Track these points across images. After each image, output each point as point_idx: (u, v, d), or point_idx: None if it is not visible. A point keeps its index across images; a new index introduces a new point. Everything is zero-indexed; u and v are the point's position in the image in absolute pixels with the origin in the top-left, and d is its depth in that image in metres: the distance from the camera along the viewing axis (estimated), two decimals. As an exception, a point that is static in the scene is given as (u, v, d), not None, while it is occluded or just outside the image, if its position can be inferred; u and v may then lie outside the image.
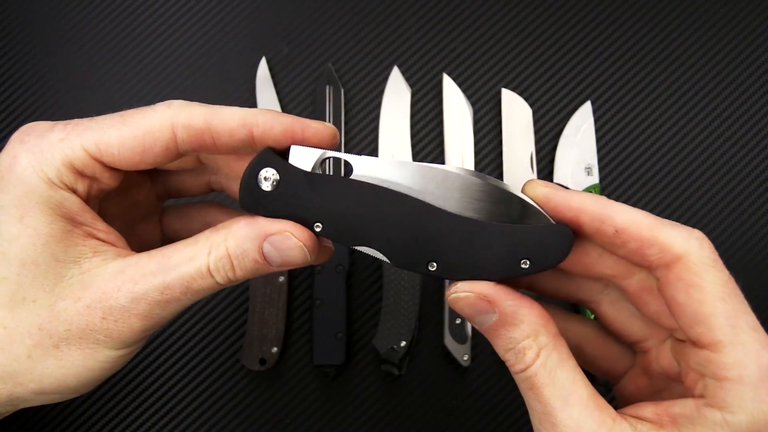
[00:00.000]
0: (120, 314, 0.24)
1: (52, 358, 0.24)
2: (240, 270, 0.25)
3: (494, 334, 0.23)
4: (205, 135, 0.25)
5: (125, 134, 0.25)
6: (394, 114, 0.50)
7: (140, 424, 0.47)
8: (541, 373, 0.22)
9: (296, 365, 0.48)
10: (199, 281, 0.25)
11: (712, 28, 0.52)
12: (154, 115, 0.25)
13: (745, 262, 0.49)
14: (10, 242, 0.24)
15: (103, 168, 0.26)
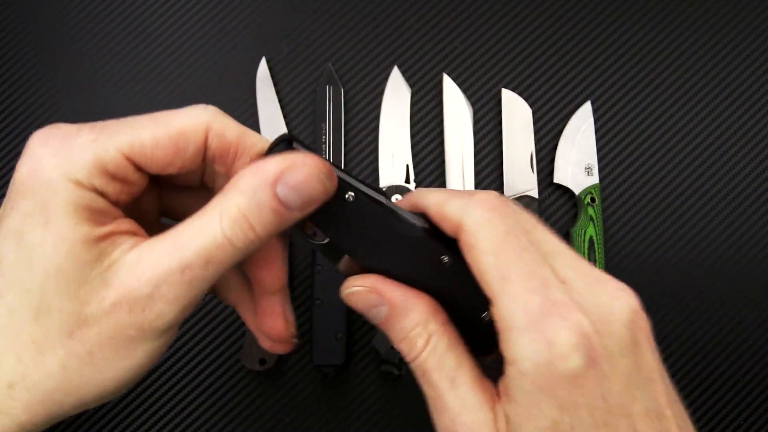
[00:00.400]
0: (146, 304, 0.23)
1: (88, 365, 0.23)
2: (261, 226, 0.23)
3: (388, 326, 0.24)
4: (232, 150, 0.25)
5: (159, 134, 0.24)
6: (394, 114, 0.50)
7: (140, 424, 0.47)
8: (430, 359, 0.23)
9: (296, 365, 0.48)
10: (218, 252, 0.23)
11: (713, 28, 0.52)
12: (189, 116, 0.25)
13: (745, 261, 0.49)
14: (34, 250, 0.23)
15: (134, 170, 0.25)
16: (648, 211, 0.50)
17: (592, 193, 0.48)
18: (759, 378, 0.47)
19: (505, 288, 0.22)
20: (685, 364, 0.48)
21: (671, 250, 0.49)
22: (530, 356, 0.21)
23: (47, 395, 0.24)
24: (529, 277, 0.22)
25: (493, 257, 0.22)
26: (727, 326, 0.48)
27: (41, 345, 0.23)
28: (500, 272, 0.22)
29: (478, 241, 0.23)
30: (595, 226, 0.47)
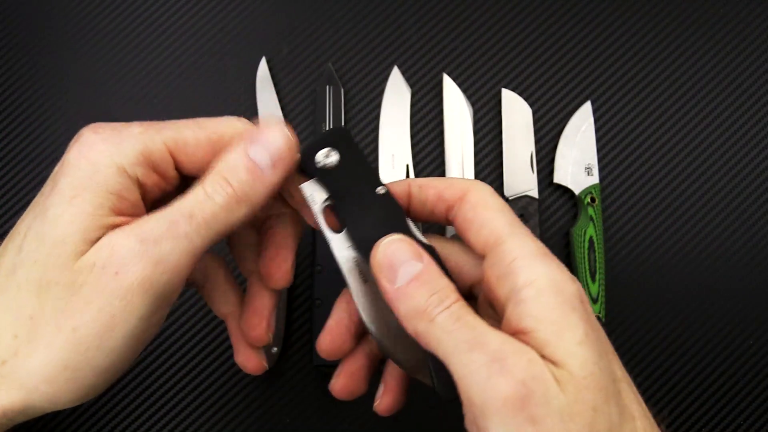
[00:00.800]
0: (131, 261, 0.23)
1: (71, 344, 0.23)
2: (236, 183, 0.25)
3: (418, 283, 0.24)
4: None
5: (200, 135, 0.26)
6: (394, 114, 0.50)
7: (140, 424, 0.47)
8: (464, 306, 0.24)
9: (296, 365, 0.48)
10: (199, 207, 0.24)
11: (713, 28, 0.52)
12: (227, 123, 0.27)
13: (745, 261, 0.49)
14: (51, 222, 0.24)
15: (173, 167, 0.26)
16: (648, 211, 0.50)
17: (592, 193, 0.48)
18: (759, 378, 0.47)
19: (515, 231, 0.25)
20: (685, 363, 0.48)
21: (671, 250, 0.49)
22: (546, 274, 0.23)
23: (28, 378, 0.23)
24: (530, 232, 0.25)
25: (501, 213, 0.25)
26: (727, 326, 0.48)
27: (37, 320, 0.24)
28: (509, 222, 0.25)
29: (486, 201, 0.26)
30: (595, 226, 0.47)
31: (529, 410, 0.21)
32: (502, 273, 0.24)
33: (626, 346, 0.48)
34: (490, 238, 0.25)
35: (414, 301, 0.24)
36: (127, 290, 0.23)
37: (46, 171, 0.50)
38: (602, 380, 0.22)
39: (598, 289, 0.47)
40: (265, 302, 0.32)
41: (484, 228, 0.25)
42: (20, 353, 0.23)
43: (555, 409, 0.21)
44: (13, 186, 0.50)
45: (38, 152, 0.50)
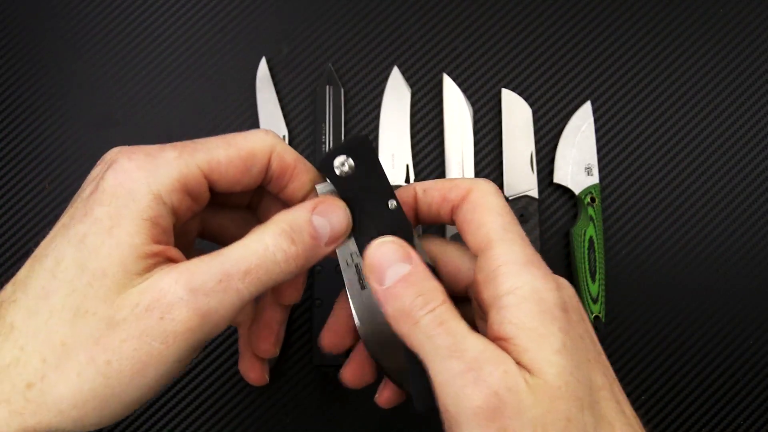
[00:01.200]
0: (178, 309, 0.23)
1: (102, 377, 0.23)
2: (301, 245, 0.25)
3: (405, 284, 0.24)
4: (288, 172, 0.27)
5: (232, 153, 0.26)
6: (394, 114, 0.50)
7: (140, 424, 0.47)
8: (449, 310, 0.24)
9: (296, 365, 0.48)
10: (256, 263, 0.24)
11: (712, 28, 0.52)
12: (257, 139, 0.27)
13: (745, 261, 0.49)
14: (90, 253, 0.24)
15: (207, 188, 0.26)
16: (648, 211, 0.50)
17: (592, 193, 0.48)
18: (759, 378, 0.47)
19: (507, 236, 0.25)
20: (685, 363, 0.48)
21: (671, 250, 0.49)
22: (529, 282, 0.23)
23: (56, 403, 0.23)
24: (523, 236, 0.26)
25: (499, 216, 0.26)
26: (727, 326, 0.48)
27: (68, 347, 0.23)
28: (503, 225, 0.25)
29: (487, 201, 0.26)
30: (595, 226, 0.47)
31: (501, 422, 0.21)
32: (488, 278, 0.24)
33: (626, 346, 0.48)
34: (483, 241, 0.25)
35: (400, 302, 0.24)
36: (169, 335, 0.23)
37: (46, 171, 0.50)
38: (578, 390, 0.22)
39: (598, 289, 0.47)
40: (276, 316, 0.32)
41: (479, 230, 0.26)
42: (48, 378, 0.23)
43: (527, 420, 0.21)
44: (14, 186, 0.50)
45: (38, 152, 0.50)
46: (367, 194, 0.27)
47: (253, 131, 0.27)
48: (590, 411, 0.22)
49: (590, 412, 0.22)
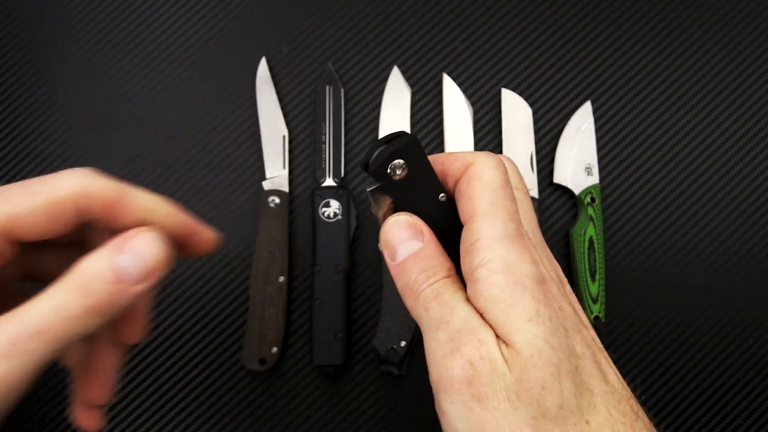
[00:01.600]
0: None
1: None
2: (95, 295, 0.22)
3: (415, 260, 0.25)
4: (110, 210, 0.25)
5: (36, 204, 0.23)
6: (394, 114, 0.50)
7: (140, 424, 0.47)
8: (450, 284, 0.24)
9: (296, 365, 0.48)
10: (49, 321, 0.22)
11: (712, 28, 0.52)
12: (62, 184, 0.24)
13: (745, 261, 0.49)
14: None
15: (6, 241, 0.23)
16: (648, 211, 0.50)
17: (592, 193, 0.48)
18: (759, 378, 0.47)
19: (491, 211, 0.24)
20: (685, 363, 0.48)
21: (671, 250, 0.49)
22: (501, 256, 0.23)
23: None
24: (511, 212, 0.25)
25: (490, 190, 0.25)
26: (727, 326, 0.48)
27: None
28: (491, 200, 0.25)
29: (482, 174, 0.25)
30: (595, 226, 0.47)
31: (475, 389, 0.22)
32: (466, 252, 0.24)
33: (626, 346, 0.48)
34: (468, 214, 0.25)
35: (407, 276, 0.25)
36: None
37: (46, 171, 0.50)
38: (552, 357, 0.22)
39: (598, 289, 0.47)
40: (110, 359, 0.28)
41: (468, 203, 0.25)
42: None
43: (501, 387, 0.21)
44: (13, 186, 0.50)
45: (38, 152, 0.50)
46: (419, 191, 0.27)
47: (60, 174, 0.24)
48: (567, 378, 0.22)
49: (567, 379, 0.22)
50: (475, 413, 0.22)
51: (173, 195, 0.50)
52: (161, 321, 0.48)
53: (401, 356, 0.45)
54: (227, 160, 0.50)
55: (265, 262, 0.47)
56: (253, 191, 0.50)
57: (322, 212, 0.47)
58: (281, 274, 0.47)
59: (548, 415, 0.21)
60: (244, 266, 0.49)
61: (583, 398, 0.22)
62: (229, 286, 0.49)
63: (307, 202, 0.49)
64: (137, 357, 0.48)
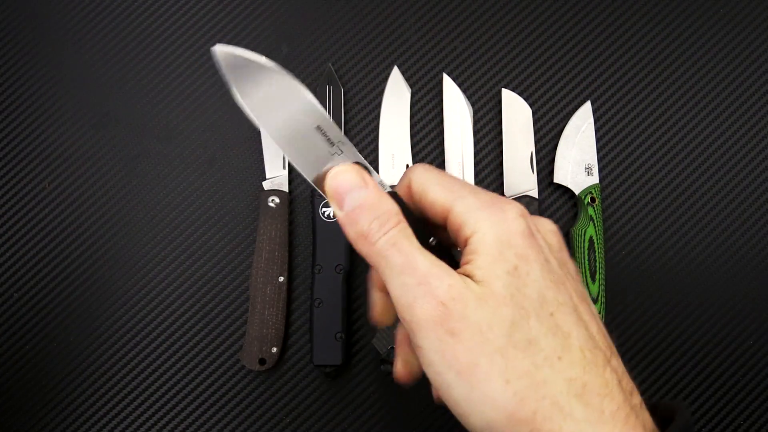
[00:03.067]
0: None
1: None
2: None
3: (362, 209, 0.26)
4: None
5: None
6: (394, 114, 0.50)
7: (140, 424, 0.47)
8: (403, 231, 0.26)
9: (296, 365, 0.48)
10: None
11: (713, 28, 0.52)
12: None
13: (745, 261, 0.49)
14: None
15: None
16: (648, 211, 0.50)
17: (592, 193, 0.48)
18: (759, 378, 0.47)
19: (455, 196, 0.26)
20: (685, 363, 0.48)
21: (671, 250, 0.49)
22: (489, 219, 0.25)
23: None
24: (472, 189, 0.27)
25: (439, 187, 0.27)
26: (727, 326, 0.48)
27: None
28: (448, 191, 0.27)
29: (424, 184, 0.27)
30: (595, 226, 0.47)
31: (448, 325, 0.23)
32: (458, 234, 0.26)
33: (626, 346, 0.48)
34: (442, 214, 0.26)
35: (359, 225, 0.26)
36: None
37: (46, 171, 0.50)
38: (524, 301, 0.24)
39: (598, 289, 0.47)
40: None
41: (434, 208, 0.27)
42: None
43: (473, 322, 0.23)
44: (13, 185, 0.50)
45: (38, 152, 0.50)
46: None
47: None
48: (538, 320, 0.24)
49: (538, 321, 0.24)
50: (449, 346, 0.23)
51: (173, 195, 0.50)
52: (161, 321, 0.48)
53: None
54: (227, 160, 0.50)
55: (265, 262, 0.47)
56: (253, 191, 0.50)
57: (322, 212, 0.47)
58: (281, 274, 0.47)
59: (518, 347, 0.23)
60: (244, 266, 0.49)
61: (556, 339, 0.24)
62: (229, 286, 0.49)
63: (307, 202, 0.49)
64: (137, 357, 0.48)
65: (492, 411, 0.23)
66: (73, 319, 0.48)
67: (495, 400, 0.23)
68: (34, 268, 0.49)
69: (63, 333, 0.48)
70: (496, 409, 0.23)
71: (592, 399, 0.23)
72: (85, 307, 0.48)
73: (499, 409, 0.23)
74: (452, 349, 0.23)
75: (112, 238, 0.49)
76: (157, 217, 0.49)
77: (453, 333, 0.23)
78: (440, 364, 0.23)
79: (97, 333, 0.48)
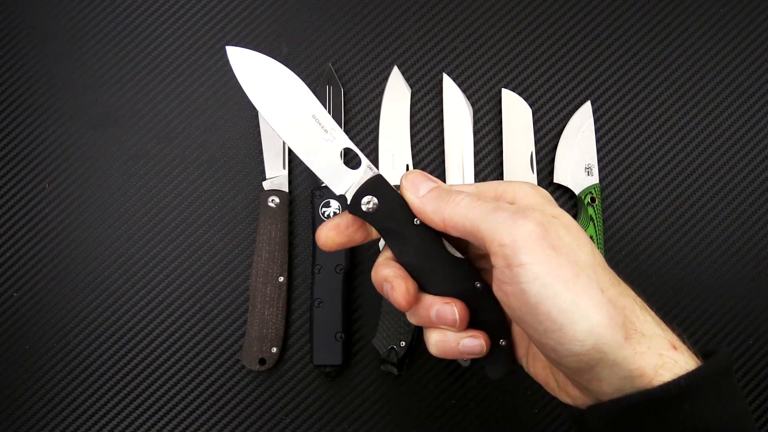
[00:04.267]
0: None
1: None
2: None
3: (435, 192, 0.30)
4: None
5: None
6: (394, 114, 0.50)
7: (140, 423, 0.47)
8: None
9: (296, 365, 0.48)
10: None
11: (713, 28, 0.52)
12: None
13: (745, 261, 0.49)
14: None
15: None
16: (648, 211, 0.50)
17: (592, 193, 0.48)
18: (759, 378, 0.47)
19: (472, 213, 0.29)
20: (685, 364, 0.47)
21: (671, 250, 0.49)
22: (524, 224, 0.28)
23: None
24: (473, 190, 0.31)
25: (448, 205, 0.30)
26: (728, 326, 0.48)
27: None
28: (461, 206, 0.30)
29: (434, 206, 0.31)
30: (595, 226, 0.47)
31: (549, 240, 0.27)
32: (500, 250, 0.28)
33: (626, 346, 0.48)
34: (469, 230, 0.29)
35: (436, 200, 0.30)
36: None
37: (46, 171, 0.50)
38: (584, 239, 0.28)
39: (598, 289, 0.47)
40: None
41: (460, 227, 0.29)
42: None
43: (567, 243, 0.27)
44: (14, 185, 0.50)
45: (38, 152, 0.50)
46: (395, 219, 0.31)
47: None
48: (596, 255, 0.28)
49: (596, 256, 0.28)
50: (554, 258, 0.26)
51: (173, 195, 0.50)
52: (161, 321, 0.48)
53: (401, 356, 0.45)
54: (227, 160, 0.50)
55: (265, 262, 0.47)
56: (253, 191, 0.50)
57: (322, 212, 0.47)
58: (281, 274, 0.47)
59: (600, 267, 0.27)
60: (244, 266, 0.49)
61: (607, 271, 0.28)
62: (229, 286, 0.49)
63: (307, 202, 0.49)
64: (137, 356, 0.48)
65: (597, 314, 0.26)
66: (73, 318, 0.48)
67: (598, 305, 0.26)
68: (34, 268, 0.49)
69: (63, 333, 0.48)
70: (600, 312, 0.26)
71: (650, 312, 0.28)
72: (85, 307, 0.48)
73: (602, 312, 0.26)
74: (557, 261, 0.26)
75: (112, 238, 0.49)
76: (157, 217, 0.49)
77: (555, 248, 0.26)
78: (547, 275, 0.26)
79: (97, 333, 0.48)
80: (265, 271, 0.47)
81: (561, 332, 0.26)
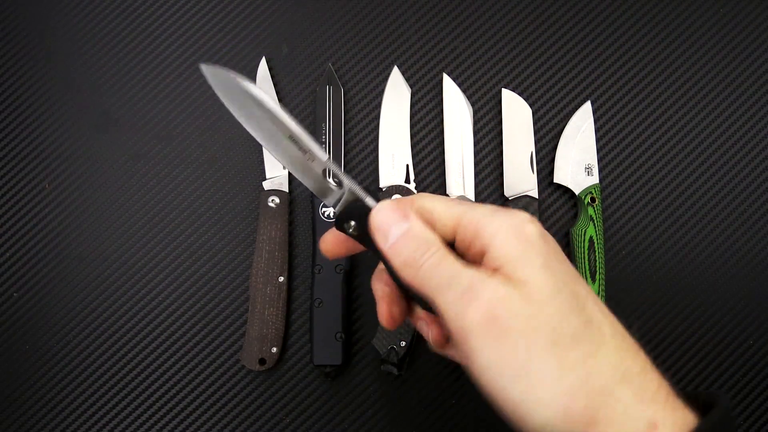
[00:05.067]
0: None
1: None
2: None
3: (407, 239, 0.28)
4: None
5: None
6: (394, 114, 0.50)
7: (140, 423, 0.47)
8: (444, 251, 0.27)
9: (296, 365, 0.48)
10: None
11: (713, 28, 0.52)
12: None
13: (745, 261, 0.49)
14: None
15: None
16: (648, 211, 0.50)
17: (592, 193, 0.48)
18: (759, 378, 0.47)
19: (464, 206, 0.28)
20: (685, 364, 0.48)
21: (671, 250, 0.49)
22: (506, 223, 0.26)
23: None
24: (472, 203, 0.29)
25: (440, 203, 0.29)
26: (727, 326, 0.48)
27: None
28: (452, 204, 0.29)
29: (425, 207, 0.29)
30: (595, 226, 0.47)
31: (498, 325, 0.24)
32: (473, 236, 0.27)
33: (626, 346, 0.48)
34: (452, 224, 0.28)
35: (404, 254, 0.28)
36: None
37: (47, 170, 0.50)
38: (561, 295, 0.25)
39: (598, 289, 0.47)
40: None
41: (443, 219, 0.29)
42: None
43: (522, 320, 0.24)
44: (14, 186, 0.50)
45: (38, 152, 0.50)
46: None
47: None
48: (575, 314, 0.25)
49: (575, 315, 0.25)
50: (501, 347, 0.24)
51: (173, 195, 0.50)
52: (161, 320, 0.48)
53: (401, 356, 0.45)
54: (227, 160, 0.50)
55: (265, 262, 0.47)
56: (253, 191, 0.50)
57: (322, 212, 0.47)
58: (281, 274, 0.47)
59: (564, 343, 0.24)
60: (244, 266, 0.49)
61: (592, 330, 0.25)
62: (229, 286, 0.49)
63: (307, 202, 0.49)
64: (137, 357, 0.48)
65: (549, 408, 0.23)
66: (73, 318, 0.48)
67: (551, 397, 0.24)
68: (34, 268, 0.49)
69: (63, 333, 0.48)
70: (553, 406, 0.23)
71: (634, 381, 0.24)
72: (85, 307, 0.48)
73: (557, 405, 0.23)
74: (504, 350, 0.24)
75: (112, 238, 0.49)
76: (157, 217, 0.49)
77: (506, 331, 0.24)
78: (495, 367, 0.24)
79: (97, 333, 0.48)
80: (265, 271, 0.47)
81: (518, 421, 0.25)
